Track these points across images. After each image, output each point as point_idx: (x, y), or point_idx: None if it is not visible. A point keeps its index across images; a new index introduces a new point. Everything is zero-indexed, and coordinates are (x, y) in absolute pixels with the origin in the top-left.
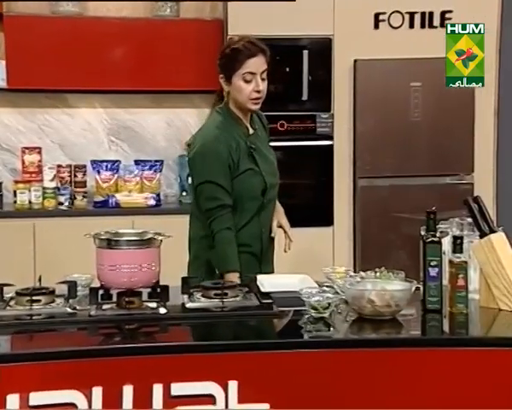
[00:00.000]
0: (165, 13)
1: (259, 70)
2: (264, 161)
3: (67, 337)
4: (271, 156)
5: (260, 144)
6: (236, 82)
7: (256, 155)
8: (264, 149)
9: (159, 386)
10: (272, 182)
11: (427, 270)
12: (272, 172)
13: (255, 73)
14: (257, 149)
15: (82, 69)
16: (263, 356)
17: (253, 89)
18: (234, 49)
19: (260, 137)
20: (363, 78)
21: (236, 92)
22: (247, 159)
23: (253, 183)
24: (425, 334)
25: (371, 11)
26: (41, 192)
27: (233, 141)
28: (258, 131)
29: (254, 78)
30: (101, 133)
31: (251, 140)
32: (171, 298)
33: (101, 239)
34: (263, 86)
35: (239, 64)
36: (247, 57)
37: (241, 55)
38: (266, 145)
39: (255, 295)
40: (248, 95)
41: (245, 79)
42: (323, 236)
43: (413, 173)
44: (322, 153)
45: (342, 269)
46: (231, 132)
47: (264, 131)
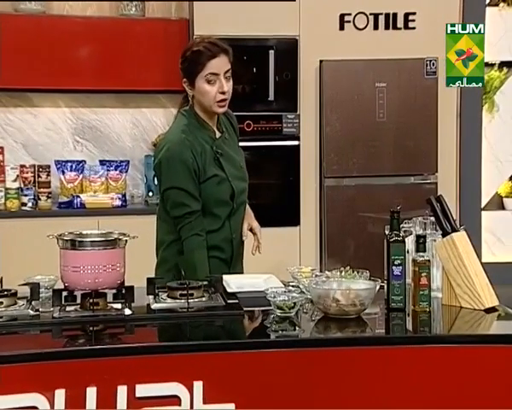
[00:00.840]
0: (131, 12)
1: (222, 70)
2: (231, 166)
3: (30, 340)
4: (239, 159)
5: (228, 148)
6: (200, 85)
7: (223, 160)
8: (232, 153)
9: (123, 388)
10: (240, 187)
11: (391, 269)
12: (240, 176)
13: (218, 74)
14: (224, 154)
15: (46, 68)
16: (228, 356)
17: (218, 90)
18: (194, 51)
19: (228, 141)
20: (328, 78)
21: (201, 96)
22: (214, 164)
23: (219, 189)
24: (389, 332)
25: (336, 12)
26: (3, 193)
27: (198, 145)
28: (225, 134)
29: (218, 78)
30: (66, 133)
31: (217, 144)
32: (136, 299)
33: (64, 240)
34: (227, 87)
35: (201, 66)
36: (208, 58)
37: (203, 56)
38: (235, 147)
39: (221, 295)
40: (213, 97)
41: (208, 81)
42: (290, 235)
43: (378, 173)
44: (288, 153)
45: (308, 268)
46: (196, 137)
47: (233, 132)
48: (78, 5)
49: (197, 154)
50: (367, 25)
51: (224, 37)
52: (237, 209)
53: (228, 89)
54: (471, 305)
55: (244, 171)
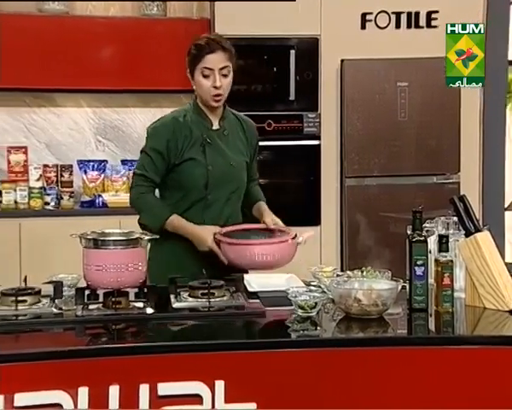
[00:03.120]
0: (153, 12)
1: (217, 66)
2: (218, 157)
3: (54, 338)
4: (235, 158)
5: (223, 143)
6: (196, 77)
7: (209, 148)
8: (226, 149)
9: (145, 386)
10: (219, 179)
11: (413, 269)
12: (226, 171)
13: (213, 69)
14: (213, 145)
15: (69, 68)
16: (250, 356)
17: (212, 85)
18: (196, 45)
19: (226, 138)
20: (350, 77)
21: (197, 87)
22: (197, 149)
23: (194, 173)
24: (411, 333)
25: (358, 11)
26: (27, 192)
27: (186, 128)
28: (225, 131)
29: (212, 74)
30: (88, 133)
31: (210, 134)
32: (157, 298)
33: (87, 239)
34: (222, 83)
35: (198, 59)
36: (206, 53)
37: (202, 50)
38: (234, 148)
39: (242, 294)
40: (207, 91)
41: (203, 75)
42: None
43: (400, 173)
44: (309, 153)
45: (329, 268)
46: (189, 121)
47: (242, 137)
48: (100, 5)
49: (180, 135)
50: (389, 24)
51: (245, 36)
52: (212, 203)
53: (222, 85)
54: (495, 305)
55: (236, 173)
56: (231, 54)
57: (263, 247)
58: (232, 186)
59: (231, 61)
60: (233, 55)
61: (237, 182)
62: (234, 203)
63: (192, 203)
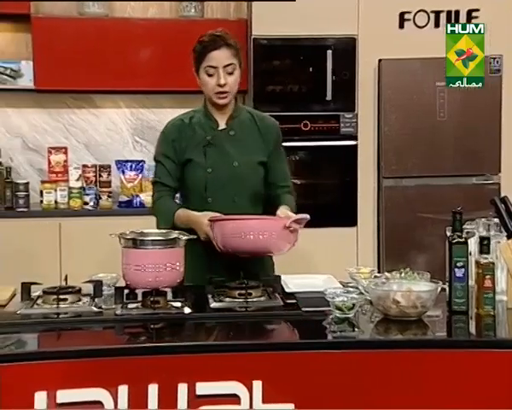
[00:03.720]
0: (190, 13)
1: (222, 64)
2: (219, 160)
3: (94, 336)
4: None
5: (227, 144)
6: (201, 76)
7: (210, 150)
8: (230, 149)
9: (184, 385)
10: (220, 181)
11: (453, 271)
12: (228, 174)
13: (217, 67)
14: (216, 146)
15: (107, 69)
16: (287, 356)
17: (216, 83)
18: (200, 42)
19: (233, 138)
20: (387, 77)
21: (202, 86)
22: (198, 151)
23: (194, 175)
24: (451, 336)
25: (396, 10)
26: (67, 192)
27: (190, 129)
28: (231, 131)
29: (216, 71)
30: (126, 133)
31: (213, 135)
32: (195, 298)
33: (126, 239)
34: (227, 80)
35: (202, 57)
36: (209, 50)
37: (205, 48)
38: (242, 147)
39: (279, 295)
40: (212, 89)
41: (207, 73)
42: (347, 236)
43: (439, 173)
44: (346, 153)
45: (367, 269)
46: (194, 121)
47: (258, 137)
48: (139, 7)
49: (184, 135)
50: (427, 23)
51: (282, 37)
52: (215, 205)
53: (226, 82)
54: None
55: (239, 171)
56: (236, 51)
57: (258, 222)
58: (235, 188)
59: (237, 58)
60: (239, 52)
61: (241, 184)
62: (243, 207)
63: (194, 206)
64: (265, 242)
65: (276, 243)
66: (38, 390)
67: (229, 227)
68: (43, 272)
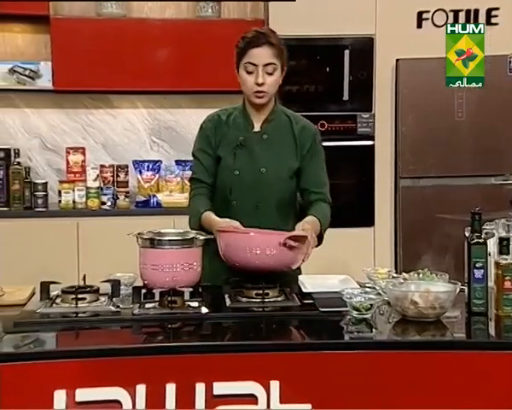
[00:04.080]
0: (207, 13)
1: (262, 62)
2: (248, 163)
3: (112, 335)
4: (270, 167)
5: (259, 147)
6: (240, 72)
7: (240, 152)
8: (261, 153)
9: (201, 385)
10: (245, 186)
11: (472, 271)
12: (254, 179)
13: (257, 65)
14: (247, 148)
15: (125, 70)
16: (305, 356)
17: (254, 81)
18: (243, 38)
19: (265, 142)
20: (405, 77)
21: (241, 83)
22: (229, 151)
23: (221, 174)
24: (470, 337)
25: (414, 10)
26: (85, 192)
27: (226, 126)
28: (265, 135)
29: (256, 69)
30: (143, 133)
31: (247, 137)
32: (212, 298)
33: (144, 239)
34: (265, 80)
35: (243, 53)
36: (250, 47)
37: (247, 44)
38: (276, 154)
39: (296, 295)
40: (250, 87)
41: (247, 70)
42: (364, 236)
43: (457, 173)
44: (363, 153)
45: (384, 270)
46: (231, 119)
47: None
48: (156, 8)
49: (218, 132)
50: (446, 22)
51: (299, 37)
52: (239, 208)
53: (264, 82)
54: None
55: (265, 177)
56: (280, 51)
57: (253, 237)
58: (260, 195)
59: (279, 59)
60: (282, 53)
61: (268, 190)
62: (267, 214)
63: (220, 207)
64: (260, 257)
65: (273, 260)
66: (58, 389)
67: (230, 239)
68: (62, 271)
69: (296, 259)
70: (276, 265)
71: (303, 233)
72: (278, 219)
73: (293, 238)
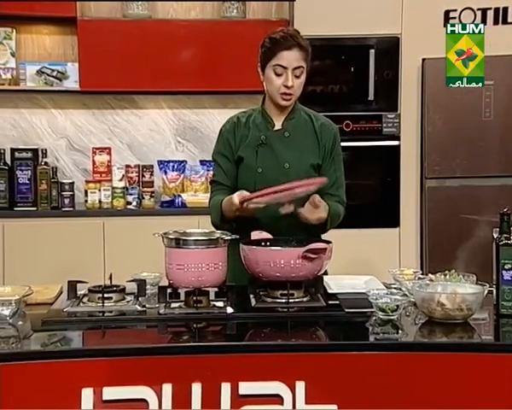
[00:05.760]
0: (232, 14)
1: (292, 65)
2: (270, 160)
3: (138, 335)
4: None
5: (281, 145)
6: (268, 73)
7: (262, 150)
8: (284, 150)
9: (227, 385)
10: (268, 182)
11: (500, 273)
12: (278, 174)
13: (286, 68)
14: (269, 146)
15: (150, 71)
16: (330, 357)
17: (283, 83)
18: (271, 38)
19: (288, 139)
20: (431, 76)
21: (267, 83)
22: (251, 150)
23: (244, 174)
24: (499, 339)
25: (441, 8)
26: (110, 192)
27: (246, 128)
28: (287, 133)
29: (285, 72)
30: (168, 134)
31: (268, 135)
32: (237, 298)
33: (169, 239)
34: (293, 83)
35: (272, 54)
36: (281, 49)
37: (276, 45)
38: (296, 149)
39: (321, 296)
40: (277, 88)
41: (275, 72)
42: (389, 237)
43: (483, 174)
44: (388, 153)
45: (410, 271)
46: (251, 120)
47: (314, 139)
48: (181, 8)
49: (238, 133)
50: (474, 20)
51: (324, 37)
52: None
53: (293, 85)
54: None
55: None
56: (307, 53)
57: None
58: None
59: (306, 62)
60: (309, 55)
61: None
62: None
63: None
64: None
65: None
66: (85, 387)
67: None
68: (88, 270)
69: (319, 267)
70: (298, 276)
71: (320, 245)
72: None
73: (311, 251)
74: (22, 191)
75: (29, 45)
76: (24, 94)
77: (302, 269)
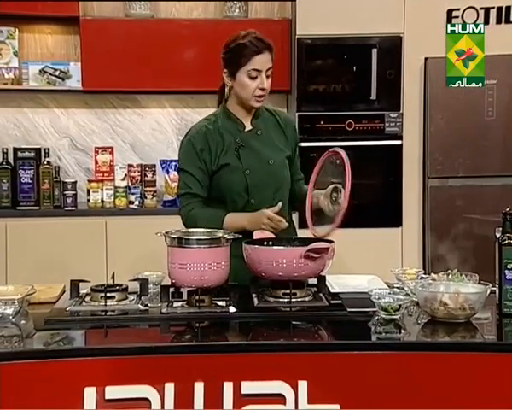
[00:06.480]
0: (234, 13)
1: (265, 67)
2: (254, 159)
3: (140, 334)
4: (275, 158)
5: (258, 143)
6: (241, 78)
7: (243, 152)
8: (262, 148)
9: (229, 384)
10: (259, 181)
11: (503, 273)
12: (265, 172)
13: (261, 71)
14: (247, 147)
15: (153, 70)
16: (333, 357)
17: (258, 86)
18: (240, 44)
19: (261, 137)
20: (434, 76)
21: (240, 88)
22: (232, 154)
23: (232, 179)
24: (502, 339)
25: (444, 7)
26: (113, 191)
27: (217, 135)
28: (258, 131)
29: (259, 75)
30: (171, 133)
31: (242, 137)
32: (240, 297)
33: (172, 238)
34: (267, 84)
35: (245, 60)
36: (253, 54)
37: (248, 50)
38: (271, 146)
39: (324, 295)
40: (252, 92)
41: (250, 76)
42: (392, 237)
43: (486, 173)
44: (390, 153)
45: (413, 270)
46: (220, 126)
47: (281, 133)
48: (184, 8)
49: (213, 141)
50: (476, 19)
51: (326, 36)
52: (258, 205)
53: (267, 86)
54: None
55: (274, 168)
56: (273, 52)
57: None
58: (274, 186)
59: (273, 60)
60: (273, 53)
61: (279, 180)
62: (282, 205)
63: (236, 210)
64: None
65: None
66: (87, 386)
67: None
68: (90, 269)
69: (322, 267)
70: (301, 276)
71: (323, 245)
72: (289, 206)
73: (314, 250)
74: (25, 191)
75: (32, 45)
76: (26, 93)
77: (304, 268)
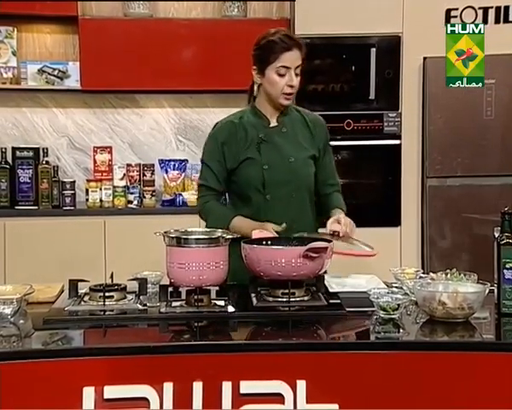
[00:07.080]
0: (233, 13)
1: (294, 64)
2: (275, 155)
3: (139, 333)
4: (297, 157)
5: (282, 141)
6: (270, 75)
7: (264, 146)
8: (286, 147)
9: (228, 384)
10: (277, 177)
11: (502, 272)
12: (284, 169)
13: (289, 68)
14: (269, 142)
15: (151, 70)
16: (331, 356)
17: (287, 83)
18: (270, 40)
19: (285, 134)
20: (432, 75)
21: (269, 85)
22: (252, 149)
23: (250, 173)
24: (500, 338)
25: (442, 7)
26: (111, 191)
27: (242, 129)
28: (285, 128)
29: (288, 72)
30: (169, 133)
31: (267, 132)
32: (238, 297)
33: (170, 237)
34: (296, 82)
35: (274, 57)
36: (282, 50)
37: (277, 47)
38: (295, 143)
39: (323, 295)
40: (281, 89)
41: (279, 73)
42: (390, 236)
43: (485, 173)
44: (389, 152)
45: (412, 270)
46: (245, 122)
47: (308, 133)
48: (182, 7)
49: (236, 137)
50: (475, 19)
51: (325, 36)
52: (271, 203)
53: (296, 84)
54: None
55: (294, 166)
56: (303, 50)
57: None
58: (293, 184)
59: (303, 59)
60: (304, 52)
61: (298, 179)
62: (298, 204)
63: (252, 206)
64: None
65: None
66: (86, 386)
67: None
68: (89, 269)
69: (320, 266)
70: (299, 275)
71: (321, 244)
72: (309, 206)
73: (312, 250)
74: (23, 190)
75: (30, 44)
76: (25, 93)
77: (303, 268)
